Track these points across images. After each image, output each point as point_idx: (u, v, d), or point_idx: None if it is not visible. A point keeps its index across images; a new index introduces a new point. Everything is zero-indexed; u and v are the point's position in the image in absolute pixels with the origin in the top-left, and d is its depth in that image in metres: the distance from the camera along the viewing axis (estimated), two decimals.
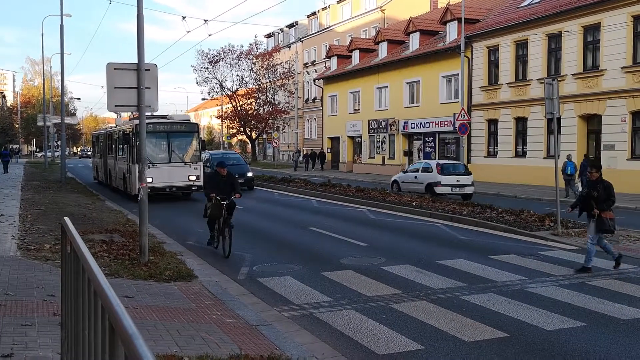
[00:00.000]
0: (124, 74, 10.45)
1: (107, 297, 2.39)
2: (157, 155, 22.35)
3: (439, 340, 6.76)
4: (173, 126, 23.06)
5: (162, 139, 22.65)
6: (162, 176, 21.64)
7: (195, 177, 22.57)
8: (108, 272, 9.18)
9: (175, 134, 22.91)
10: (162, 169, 21.85)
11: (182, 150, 23.01)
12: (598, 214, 10.06)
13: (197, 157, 23.08)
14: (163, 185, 21.91)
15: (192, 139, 23.35)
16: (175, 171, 22.20)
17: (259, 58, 58.95)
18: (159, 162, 21.98)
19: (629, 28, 25.14)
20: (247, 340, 6.46)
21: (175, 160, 22.52)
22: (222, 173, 12.38)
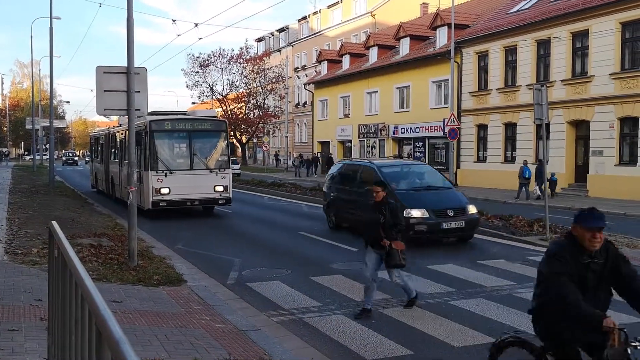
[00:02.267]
0: (114, 77, 10.41)
1: (94, 301, 2.37)
2: (175, 160, 18.70)
3: (428, 346, 6.77)
4: (196, 124, 18.94)
5: (181, 141, 19.01)
6: (182, 186, 17.85)
7: (222, 187, 18.59)
8: (96, 277, 9.13)
9: (199, 134, 18.92)
10: (181, 178, 18.00)
11: (207, 155, 19.15)
12: (389, 244, 7.88)
13: (225, 163, 19.13)
14: (183, 198, 18.09)
15: (220, 141, 19.36)
16: (198, 180, 18.29)
17: (249, 62, 58.93)
18: (178, 169, 18.27)
19: (617, 35, 25.35)
20: (236, 345, 6.43)
21: (199, 166, 18.67)
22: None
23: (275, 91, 59.36)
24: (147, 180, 17.85)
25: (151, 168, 17.81)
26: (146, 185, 17.92)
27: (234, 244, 13.40)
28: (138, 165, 17.97)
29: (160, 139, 18.36)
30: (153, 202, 17.73)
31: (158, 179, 17.75)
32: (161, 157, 18.19)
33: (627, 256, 4.50)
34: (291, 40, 65.72)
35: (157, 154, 18.09)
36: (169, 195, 17.75)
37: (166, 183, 17.69)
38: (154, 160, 17.93)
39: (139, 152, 18.27)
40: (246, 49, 60.14)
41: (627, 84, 25.08)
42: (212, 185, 18.41)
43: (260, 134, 60.62)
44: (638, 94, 24.41)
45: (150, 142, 17.97)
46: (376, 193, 8.27)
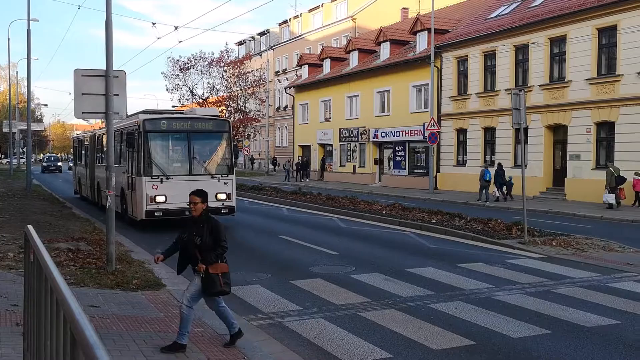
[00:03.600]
0: (92, 81, 10.35)
1: (69, 306, 2.35)
2: (172, 164, 16.74)
3: (407, 349, 6.79)
4: (195, 124, 16.86)
5: (179, 142, 16.89)
6: (180, 194, 14.99)
7: (225, 195, 16.69)
8: (74, 281, 9.04)
9: (199, 135, 16.95)
10: (179, 184, 15.79)
11: (208, 158, 17.16)
12: (205, 269, 6.53)
13: (228, 168, 17.18)
14: (181, 207, 14.67)
15: (222, 143, 17.29)
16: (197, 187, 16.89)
17: (230, 65, 58.79)
18: (175, 174, 16.32)
19: (594, 40, 25.70)
20: (215, 350, 6.41)
21: (199, 171, 16.73)
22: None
23: (256, 95, 59.23)
24: (140, 187, 15.97)
25: (145, 173, 15.92)
26: (139, 192, 16.03)
27: None
28: (130, 170, 17.05)
29: (155, 140, 16.56)
30: (147, 211, 15.92)
31: (153, 185, 15.88)
32: (156, 160, 16.29)
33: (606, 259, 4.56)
34: (272, 44, 65.70)
35: (152, 158, 16.20)
36: (165, 204, 15.87)
37: (162, 190, 15.86)
38: (148, 165, 16.06)
39: (131, 155, 16.83)
40: (227, 53, 59.98)
41: (603, 89, 25.43)
42: (214, 193, 16.05)
43: (241, 137, 60.49)
44: (614, 99, 24.77)
45: (143, 144, 16.03)
46: (194, 205, 6.83)
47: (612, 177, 23.04)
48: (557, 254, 12.76)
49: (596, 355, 6.59)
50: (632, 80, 24.04)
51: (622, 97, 24.41)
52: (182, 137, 16.72)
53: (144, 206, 15.93)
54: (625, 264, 11.81)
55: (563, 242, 13.91)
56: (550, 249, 13.33)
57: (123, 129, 18.20)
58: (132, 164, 16.86)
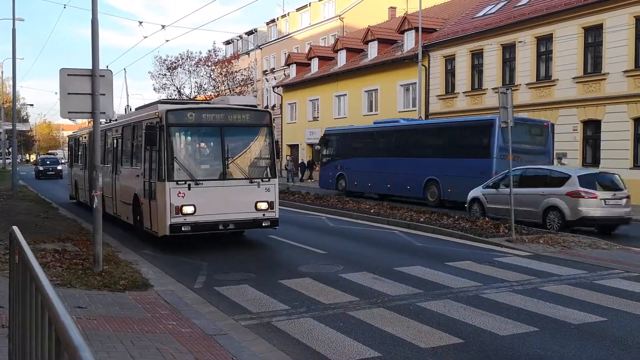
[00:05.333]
0: (78, 80, 10.26)
1: (54, 307, 2.33)
2: (202, 166, 13.74)
3: (396, 347, 6.80)
4: (231, 116, 13.71)
5: (211, 139, 13.91)
6: (212, 203, 12.93)
7: (267, 204, 13.49)
8: (60, 282, 8.98)
9: (235, 130, 13.89)
10: (211, 192, 13.03)
11: (246, 159, 14.04)
12: None
13: (270, 170, 14.00)
14: (214, 219, 12.97)
15: (262, 138, 14.18)
16: (234, 194, 13.26)
17: (217, 65, 58.65)
18: (206, 179, 13.20)
19: (580, 39, 25.89)
20: (204, 350, 6.38)
21: (235, 175, 13.56)
22: None
23: (244, 94, 59.16)
24: (162, 195, 12.80)
25: (168, 177, 12.71)
26: (161, 201, 12.85)
27: (201, 248, 13.30)
28: (146, 174, 13.92)
29: (181, 136, 13.59)
30: (172, 225, 12.62)
31: (179, 192, 12.69)
32: (183, 162, 13.16)
33: (592, 257, 4.58)
34: (260, 43, 65.59)
35: (177, 158, 13.08)
36: (193, 216, 12.75)
37: (190, 198, 12.71)
38: (173, 167, 12.88)
39: (148, 155, 13.81)
40: (214, 52, 59.87)
41: (589, 88, 25.62)
42: (253, 202, 13.35)
43: None
44: (600, 97, 24.96)
45: (166, 141, 12.88)
46: None
47: None
48: (544, 252, 12.84)
49: (583, 352, 6.63)
50: (618, 79, 24.25)
51: (608, 96, 24.61)
52: (214, 133, 13.56)
53: (167, 219, 12.64)
54: (611, 261, 11.90)
55: (550, 240, 14.00)
56: (538, 246, 13.40)
57: (136, 123, 15.33)
58: (150, 166, 13.71)
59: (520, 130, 20.74)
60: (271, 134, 14.25)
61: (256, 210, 13.44)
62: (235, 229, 13.69)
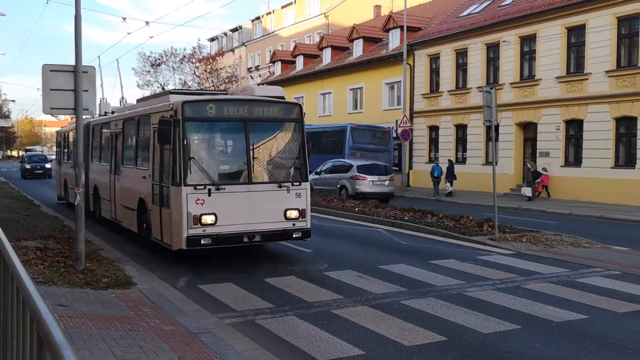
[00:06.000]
0: (61, 76, 10.17)
1: (36, 305, 2.31)
2: (223, 168, 11.80)
3: (380, 345, 6.82)
4: (256, 109, 11.74)
5: (234, 136, 11.98)
6: (236, 212, 11.09)
7: (297, 212, 11.68)
8: (42, 280, 8.89)
9: (261, 126, 11.98)
10: (234, 198, 11.17)
11: (274, 159, 12.15)
12: None
13: (301, 173, 12.11)
14: (238, 231, 11.07)
15: (292, 136, 12.23)
16: (260, 201, 11.41)
17: (202, 62, 58.42)
18: (229, 182, 11.40)
19: (563, 39, 26.10)
20: (187, 348, 6.36)
21: (262, 178, 11.69)
22: None
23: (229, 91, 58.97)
24: (177, 202, 10.86)
25: (185, 181, 10.77)
26: (176, 209, 10.91)
27: None
28: (156, 175, 11.89)
29: (199, 132, 11.64)
30: (190, 238, 10.72)
31: (197, 199, 10.79)
32: (202, 162, 11.16)
33: (574, 255, 4.62)
34: (244, 40, 65.43)
35: (195, 158, 11.09)
36: (215, 227, 10.83)
37: (210, 206, 10.85)
38: (190, 169, 10.92)
39: (159, 154, 11.77)
40: (199, 49, 59.62)
41: (572, 87, 25.84)
42: (282, 209, 11.49)
43: None
44: (582, 97, 25.19)
45: (182, 138, 10.88)
46: None
47: (529, 172, 25.76)
48: (527, 250, 12.94)
49: (564, 349, 6.70)
50: (600, 79, 24.48)
51: (590, 95, 24.85)
52: (238, 128, 11.59)
53: (184, 230, 10.72)
54: (592, 259, 12.02)
55: (533, 239, 14.11)
56: (521, 245, 13.50)
57: (142, 116, 13.45)
58: (160, 167, 11.70)
59: (367, 134, 31.23)
60: (302, 129, 12.18)
61: (286, 219, 11.53)
62: (262, 241, 11.68)
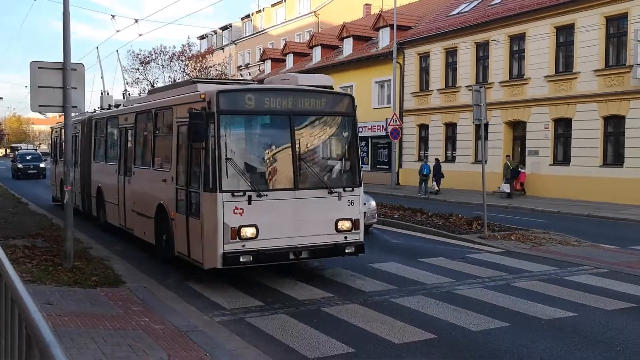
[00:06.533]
0: (49, 73, 10.11)
1: (24, 304, 2.30)
2: (265, 171, 9.84)
3: (370, 343, 6.83)
4: (302, 100, 9.94)
5: (277, 132, 10.11)
6: (280, 223, 9.36)
7: (350, 223, 9.89)
8: (30, 279, 8.84)
9: (308, 120, 10.21)
10: (279, 207, 9.41)
11: (324, 160, 10.58)
12: None
13: (352, 176, 10.35)
14: (283, 246, 9.30)
15: (343, 133, 10.58)
16: (307, 210, 9.61)
17: (191, 60, 58.23)
18: (273, 189, 9.57)
19: (552, 38, 26.21)
20: (177, 347, 6.34)
21: (310, 182, 9.86)
22: None
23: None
24: (211, 211, 9.07)
25: (221, 186, 8.98)
26: (209, 219, 9.14)
27: None
28: (182, 178, 10.14)
29: (236, 128, 9.71)
30: (227, 255, 8.93)
31: (235, 208, 9.01)
32: (240, 164, 9.39)
33: (562, 253, 4.64)
34: (234, 38, 65.28)
35: (234, 159, 9.22)
36: (255, 241, 9.06)
37: (251, 217, 9.09)
38: (227, 172, 9.13)
39: (185, 153, 10.09)
40: (188, 47, 59.42)
41: (560, 86, 25.96)
42: (333, 220, 9.73)
43: None
44: (571, 95, 25.31)
45: (217, 135, 9.08)
46: None
47: (508, 169, 26.31)
48: (516, 248, 13.00)
49: (553, 347, 6.74)
50: (588, 78, 24.61)
51: (579, 94, 24.97)
52: (282, 124, 9.85)
53: (219, 245, 8.93)
54: (581, 257, 12.09)
55: (522, 237, 14.18)
56: (510, 243, 13.57)
57: (162, 109, 11.63)
58: (187, 169, 9.94)
59: None
60: (354, 126, 10.45)
61: (337, 231, 9.75)
62: (310, 257, 9.93)
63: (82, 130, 17.87)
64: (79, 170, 17.74)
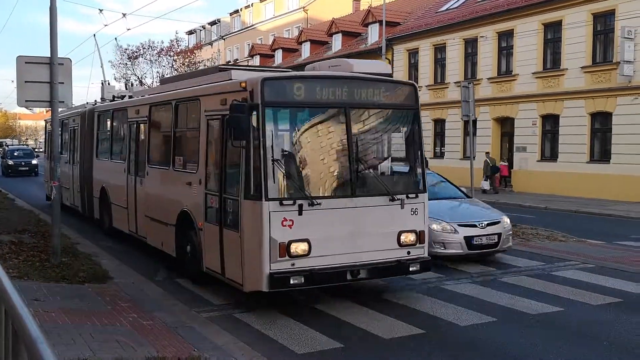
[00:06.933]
0: (36, 68, 10.03)
1: (11, 300, 2.28)
2: (318, 174, 8.34)
3: (358, 338, 6.85)
4: (359, 90, 8.44)
5: (330, 128, 8.47)
6: (335, 236, 7.92)
7: (415, 235, 8.52)
8: (17, 275, 8.78)
9: (366, 114, 8.67)
10: (334, 217, 7.95)
11: (384, 161, 9.21)
12: None
13: (416, 180, 8.99)
14: (338, 264, 7.88)
15: (407, 129, 9.15)
16: (367, 221, 8.23)
17: (180, 55, 57.96)
18: (327, 196, 8.14)
19: (540, 35, 26.34)
20: (165, 343, 6.33)
21: (368, 188, 8.54)
22: None
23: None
24: (255, 223, 7.61)
25: (266, 194, 7.51)
26: (252, 233, 7.65)
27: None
28: (215, 182, 8.62)
29: (284, 123, 8.56)
30: (274, 276, 7.48)
31: (284, 219, 7.59)
32: (289, 167, 8.01)
33: (550, 249, 4.68)
34: (223, 33, 65.05)
35: (281, 161, 7.82)
36: (307, 259, 7.66)
37: (302, 230, 7.68)
38: (274, 175, 7.69)
39: (221, 154, 8.43)
40: (176, 42, 59.13)
41: (548, 83, 26.10)
42: (396, 232, 8.36)
43: None
44: (559, 92, 25.45)
45: (261, 132, 7.61)
46: None
47: (488, 166, 26.73)
48: None
49: (539, 342, 6.78)
50: (576, 75, 24.75)
51: (566, 91, 25.10)
52: (336, 118, 8.33)
53: (264, 264, 7.46)
54: (567, 253, 12.17)
55: None
56: None
57: (186, 100, 10.10)
58: (221, 171, 8.42)
59: None
60: (418, 120, 9.04)
61: (400, 246, 8.37)
62: (368, 277, 8.32)
63: (83, 123, 16.01)
64: (78, 168, 16.21)
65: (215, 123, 8.74)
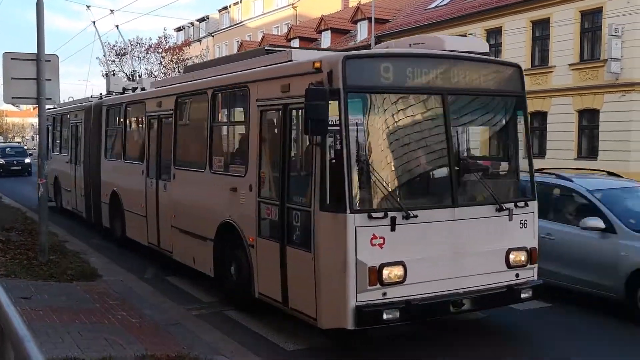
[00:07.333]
0: (23, 65, 9.97)
1: None
2: (408, 177, 6.77)
3: (347, 336, 6.83)
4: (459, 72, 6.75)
5: (424, 119, 6.76)
6: (434, 257, 6.25)
7: (525, 254, 6.81)
8: (4, 273, 8.74)
9: (468, 103, 7.09)
10: (430, 232, 6.27)
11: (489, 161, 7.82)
12: None
13: (527, 184, 7.33)
14: (439, 293, 6.25)
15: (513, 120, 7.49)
16: (471, 237, 6.54)
17: (168, 52, 57.70)
18: (425, 207, 6.41)
19: (528, 32, 26.45)
20: (155, 340, 6.31)
21: (472, 195, 7.00)
22: None
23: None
24: (336, 241, 5.98)
25: (351, 204, 5.88)
26: (332, 254, 6.02)
27: None
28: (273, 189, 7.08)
29: (369, 114, 6.45)
30: (362, 309, 5.88)
31: (374, 236, 5.97)
32: (378, 170, 6.20)
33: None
34: (212, 30, 64.84)
35: (368, 163, 6.15)
36: (403, 287, 6.04)
37: (395, 250, 6.04)
38: (360, 181, 6.13)
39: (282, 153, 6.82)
40: (165, 39, 58.88)
41: (536, 80, 26.21)
42: (504, 250, 6.77)
43: None
44: (547, 89, 25.57)
45: (344, 125, 5.95)
46: None
47: None
48: None
49: (529, 336, 6.82)
50: (563, 72, 24.89)
51: (554, 88, 25.24)
52: (432, 107, 6.79)
53: (350, 295, 5.89)
54: None
55: None
56: None
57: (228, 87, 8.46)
58: (283, 174, 6.79)
59: None
60: (524, 110, 7.61)
61: (508, 267, 6.78)
62: (473, 309, 6.75)
63: (87, 119, 14.25)
64: (81, 168, 14.60)
65: (272, 115, 7.26)
